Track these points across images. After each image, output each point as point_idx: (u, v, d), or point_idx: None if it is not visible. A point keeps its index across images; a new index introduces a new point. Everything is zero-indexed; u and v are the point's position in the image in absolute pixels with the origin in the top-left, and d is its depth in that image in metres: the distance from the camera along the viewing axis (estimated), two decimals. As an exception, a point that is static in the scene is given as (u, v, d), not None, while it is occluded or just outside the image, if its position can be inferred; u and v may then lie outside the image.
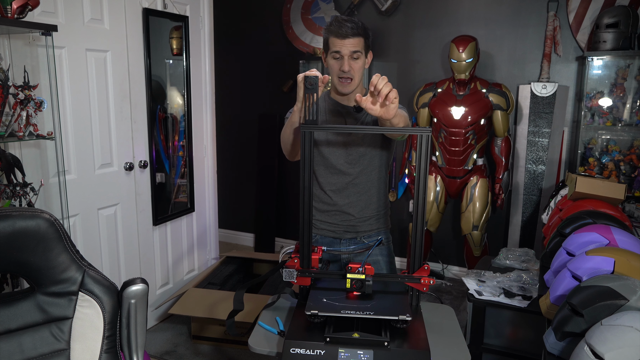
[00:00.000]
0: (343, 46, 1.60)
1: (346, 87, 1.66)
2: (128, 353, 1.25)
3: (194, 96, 3.14)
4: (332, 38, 1.62)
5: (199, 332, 2.79)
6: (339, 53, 1.61)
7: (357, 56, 1.62)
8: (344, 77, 1.64)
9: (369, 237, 1.80)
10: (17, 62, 2.00)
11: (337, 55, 1.62)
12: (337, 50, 1.61)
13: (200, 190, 3.29)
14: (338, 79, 1.66)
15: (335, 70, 1.65)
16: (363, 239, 1.80)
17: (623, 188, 2.12)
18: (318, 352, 1.24)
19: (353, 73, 1.63)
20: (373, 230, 1.81)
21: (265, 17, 4.07)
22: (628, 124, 3.08)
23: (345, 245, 1.81)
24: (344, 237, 1.80)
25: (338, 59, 1.63)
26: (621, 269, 1.32)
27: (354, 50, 1.61)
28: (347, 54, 1.60)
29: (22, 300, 1.17)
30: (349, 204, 1.76)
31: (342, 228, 1.79)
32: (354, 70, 1.63)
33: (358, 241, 1.80)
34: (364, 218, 1.78)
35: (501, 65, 3.43)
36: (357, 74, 1.64)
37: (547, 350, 1.26)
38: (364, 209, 1.78)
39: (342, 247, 1.81)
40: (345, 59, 1.61)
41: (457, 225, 3.65)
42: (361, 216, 1.78)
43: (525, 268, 2.53)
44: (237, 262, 3.38)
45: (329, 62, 1.66)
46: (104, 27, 2.47)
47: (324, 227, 1.81)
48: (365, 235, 1.80)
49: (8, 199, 1.94)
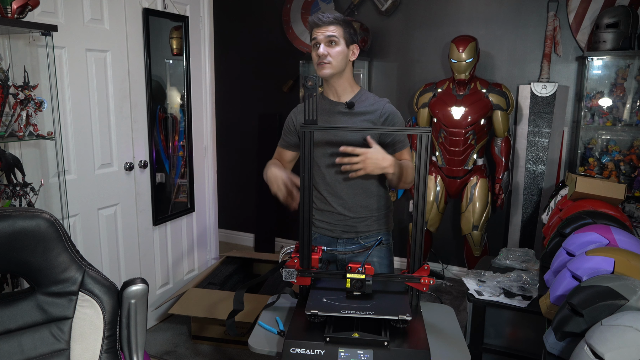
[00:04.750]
0: (319, 33, 1.68)
1: (323, 69, 1.69)
2: (128, 353, 1.25)
3: (194, 96, 3.14)
4: (312, 29, 1.71)
5: (199, 332, 2.79)
6: (316, 39, 1.69)
7: (333, 40, 1.67)
8: (321, 62, 1.68)
9: (366, 239, 1.80)
10: (17, 62, 2.00)
11: (316, 43, 1.69)
12: (314, 37, 1.69)
13: (200, 190, 3.29)
14: (317, 65, 1.71)
15: (314, 57, 1.71)
16: (360, 240, 1.80)
17: (623, 188, 2.12)
18: (318, 352, 1.24)
19: (330, 58, 1.67)
20: (372, 232, 1.80)
21: (265, 17, 4.07)
22: (628, 124, 3.08)
23: (342, 246, 1.81)
24: (341, 237, 1.80)
25: (317, 48, 1.70)
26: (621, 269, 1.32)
27: (329, 35, 1.67)
28: (322, 40, 1.67)
29: (22, 300, 1.17)
30: (343, 204, 1.76)
31: (339, 228, 1.79)
32: (330, 55, 1.67)
33: (355, 242, 1.80)
34: (361, 218, 1.78)
35: (501, 65, 3.43)
36: (335, 59, 1.68)
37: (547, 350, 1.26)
38: (360, 210, 1.77)
39: (339, 247, 1.81)
40: (321, 44, 1.67)
41: (457, 225, 3.65)
42: (358, 216, 1.77)
43: (525, 268, 2.53)
44: (237, 262, 3.38)
45: (312, 54, 1.73)
46: (104, 27, 2.47)
47: (322, 226, 1.82)
48: (363, 236, 1.80)
49: (8, 199, 1.94)
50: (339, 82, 1.74)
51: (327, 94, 1.79)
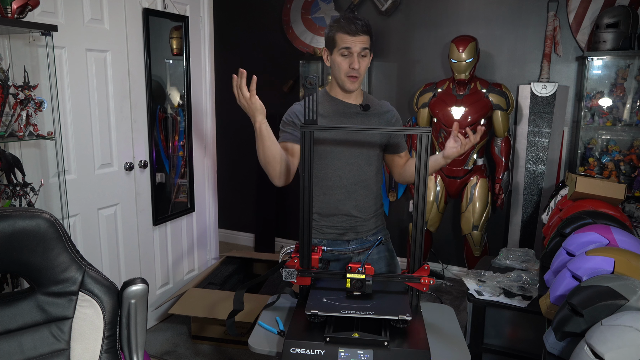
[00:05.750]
0: (354, 43, 1.60)
1: (354, 84, 1.67)
2: (128, 353, 1.25)
3: (194, 96, 3.14)
4: (342, 34, 1.61)
5: (199, 332, 2.79)
6: (348, 50, 1.61)
7: (365, 54, 1.64)
8: (353, 75, 1.64)
9: (372, 235, 1.81)
10: (17, 62, 2.00)
11: (347, 52, 1.62)
12: (347, 46, 1.61)
13: (200, 190, 3.29)
14: (347, 77, 1.66)
15: (344, 67, 1.64)
16: (369, 237, 1.80)
17: (623, 188, 2.12)
18: (318, 352, 1.24)
19: (361, 71, 1.65)
20: (374, 229, 1.81)
21: (265, 17, 4.07)
22: (628, 124, 3.08)
23: (347, 245, 1.81)
24: (346, 237, 1.80)
25: (347, 56, 1.63)
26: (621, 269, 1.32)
27: (364, 47, 1.62)
28: (357, 51, 1.61)
29: (22, 300, 1.17)
30: (357, 206, 1.75)
31: (345, 229, 1.79)
32: (362, 68, 1.64)
33: (365, 240, 1.80)
34: (366, 218, 1.78)
35: (501, 65, 3.43)
36: (364, 72, 1.66)
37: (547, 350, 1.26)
38: (367, 210, 1.78)
39: (343, 247, 1.81)
40: (355, 56, 1.62)
41: (457, 225, 3.65)
42: (366, 217, 1.78)
43: (525, 268, 2.53)
44: (237, 262, 3.38)
45: (336, 59, 1.65)
46: (104, 27, 2.47)
47: (329, 231, 1.78)
48: (369, 234, 1.80)
49: (8, 199, 1.94)
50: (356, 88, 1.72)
51: (337, 95, 1.74)
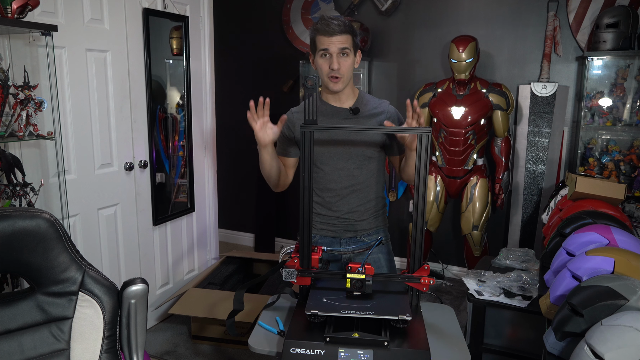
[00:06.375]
0: (331, 44, 1.60)
1: (337, 84, 1.65)
2: (128, 353, 1.25)
3: (194, 96, 3.14)
4: (320, 36, 1.62)
5: (199, 332, 2.79)
6: (327, 51, 1.62)
7: (346, 53, 1.62)
8: (334, 76, 1.63)
9: (368, 236, 1.80)
10: (17, 62, 2.00)
11: (326, 53, 1.62)
12: (325, 48, 1.61)
13: (200, 190, 3.29)
14: (328, 78, 1.65)
15: (325, 69, 1.64)
16: (363, 238, 1.80)
17: (623, 188, 2.12)
18: (318, 352, 1.24)
19: (343, 71, 1.63)
20: (372, 229, 1.80)
21: (265, 17, 4.07)
22: (628, 124, 3.08)
23: (345, 245, 1.80)
24: (343, 236, 1.80)
25: (326, 58, 1.63)
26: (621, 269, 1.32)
27: (343, 47, 1.61)
28: (335, 52, 1.61)
29: (22, 300, 1.17)
30: (350, 210, 1.75)
31: (341, 228, 1.79)
32: (343, 68, 1.62)
33: (358, 240, 1.80)
34: (362, 218, 1.78)
35: (501, 65, 3.43)
36: (347, 71, 1.64)
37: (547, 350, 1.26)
38: (364, 212, 1.78)
39: (342, 247, 1.81)
40: (334, 56, 1.61)
41: (457, 225, 3.65)
42: (361, 218, 1.78)
43: (525, 268, 2.53)
44: (237, 262, 3.38)
45: (318, 61, 1.66)
46: (104, 27, 2.47)
47: (323, 227, 1.81)
48: (364, 234, 1.80)
49: (8, 199, 1.94)
50: (344, 90, 1.70)
51: (328, 99, 1.74)
